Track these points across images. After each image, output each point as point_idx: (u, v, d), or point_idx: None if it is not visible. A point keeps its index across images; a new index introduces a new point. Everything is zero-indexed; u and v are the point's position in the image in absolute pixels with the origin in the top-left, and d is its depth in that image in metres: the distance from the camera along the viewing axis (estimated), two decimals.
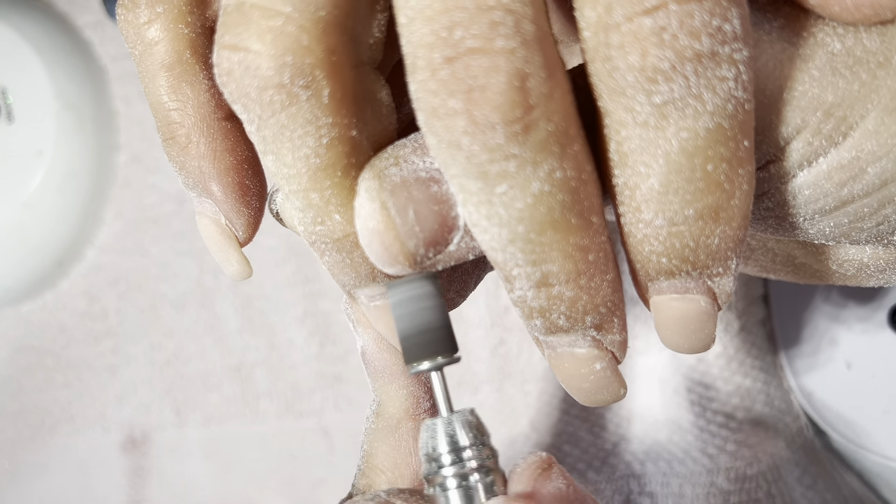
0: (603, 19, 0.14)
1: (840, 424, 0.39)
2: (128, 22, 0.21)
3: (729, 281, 0.17)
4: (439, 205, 0.16)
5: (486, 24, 0.14)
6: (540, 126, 0.15)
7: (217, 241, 0.22)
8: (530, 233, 0.16)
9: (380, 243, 0.17)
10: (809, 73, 0.16)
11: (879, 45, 0.16)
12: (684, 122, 0.15)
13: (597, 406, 0.20)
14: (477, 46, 0.14)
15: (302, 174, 0.17)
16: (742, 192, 0.16)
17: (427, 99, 0.15)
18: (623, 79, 0.15)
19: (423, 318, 0.19)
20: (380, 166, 0.17)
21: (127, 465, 0.53)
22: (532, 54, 0.14)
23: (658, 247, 0.16)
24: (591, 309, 0.17)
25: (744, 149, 0.16)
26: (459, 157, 0.15)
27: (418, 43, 0.15)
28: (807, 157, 0.17)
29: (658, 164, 0.15)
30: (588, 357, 0.18)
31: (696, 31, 0.14)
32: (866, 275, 0.22)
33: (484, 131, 0.14)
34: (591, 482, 0.42)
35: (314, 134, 0.16)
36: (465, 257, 0.17)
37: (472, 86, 0.14)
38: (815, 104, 0.17)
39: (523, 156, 0.15)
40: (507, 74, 0.14)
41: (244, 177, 0.22)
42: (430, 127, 0.15)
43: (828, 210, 0.18)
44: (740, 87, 0.15)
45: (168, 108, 0.21)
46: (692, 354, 0.25)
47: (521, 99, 0.14)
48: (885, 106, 0.17)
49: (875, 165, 0.17)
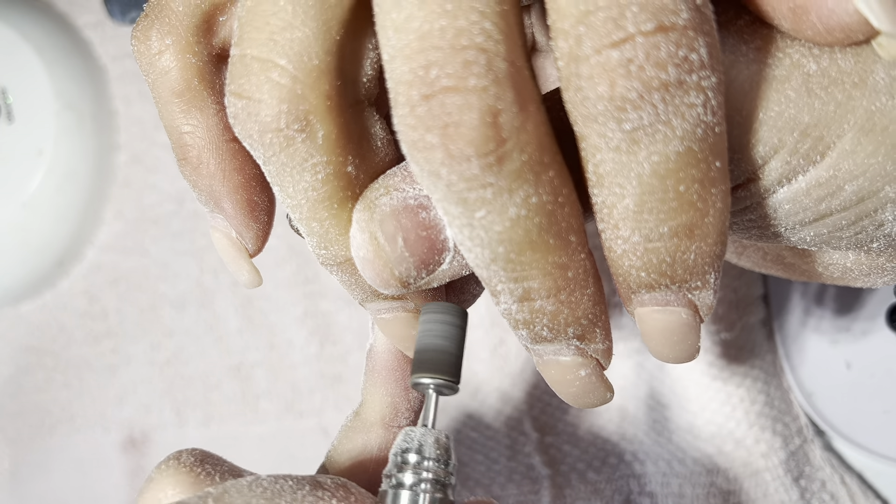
0: (574, 51, 0.15)
1: (840, 424, 0.39)
2: (141, 52, 0.23)
3: (708, 294, 0.18)
4: (428, 230, 0.18)
5: (459, 63, 0.15)
6: (513, 157, 0.15)
7: (229, 254, 0.24)
8: (510, 253, 0.16)
9: (371, 270, 0.18)
10: (785, 93, 0.17)
11: (854, 66, 0.17)
12: (654, 147, 0.15)
13: (585, 408, 0.21)
14: (451, 85, 0.15)
15: (302, 205, 0.19)
16: (716, 210, 0.16)
17: (407, 132, 0.15)
18: (594, 107, 0.15)
19: (442, 339, 0.20)
20: (370, 197, 0.18)
21: (127, 465, 0.53)
22: (503, 91, 0.15)
23: (636, 262, 0.17)
24: (573, 321, 0.18)
25: (716, 169, 0.16)
26: (440, 185, 0.16)
27: (398, 80, 0.15)
28: (785, 175, 0.18)
29: (632, 185, 0.16)
30: (572, 364, 0.19)
31: (663, 62, 0.15)
32: (852, 277, 0.23)
33: (460, 163, 0.15)
34: (591, 482, 0.42)
35: (311, 171, 0.18)
36: (459, 273, 0.19)
37: (447, 122, 0.15)
38: (792, 124, 0.17)
39: (499, 184, 0.15)
40: (480, 111, 0.15)
41: (252, 193, 0.23)
42: (412, 157, 0.16)
43: (807, 222, 0.19)
44: (709, 112, 0.15)
45: (180, 131, 0.23)
46: (678, 364, 0.26)
47: (494, 133, 0.15)
48: (861, 126, 0.17)
49: (852, 184, 0.17)
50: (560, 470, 0.43)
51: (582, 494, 0.42)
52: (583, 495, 0.42)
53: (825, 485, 0.39)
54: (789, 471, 0.38)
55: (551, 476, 0.43)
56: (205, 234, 0.52)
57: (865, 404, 0.39)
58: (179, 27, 0.22)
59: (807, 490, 0.38)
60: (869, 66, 0.17)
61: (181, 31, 0.22)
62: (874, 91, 0.17)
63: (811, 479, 0.39)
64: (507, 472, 0.44)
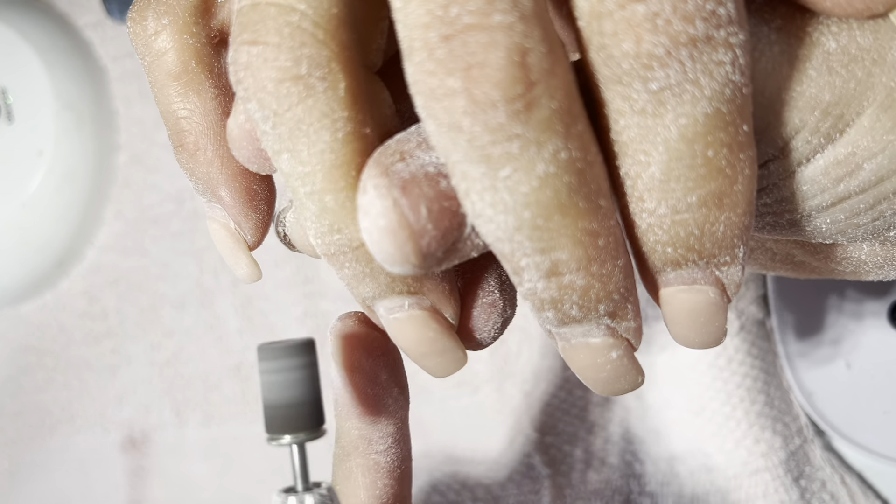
0: (596, 8, 0.14)
1: (840, 424, 0.39)
2: (136, 34, 0.22)
3: (737, 270, 0.17)
4: (449, 201, 0.16)
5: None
6: (542, 103, 0.14)
7: (227, 245, 0.23)
8: (537, 218, 0.15)
9: (392, 242, 0.16)
10: (807, 73, 0.17)
11: (873, 43, 0.17)
12: (682, 108, 0.15)
13: (615, 395, 0.20)
14: (474, 23, 0.14)
15: (317, 171, 0.17)
16: (745, 178, 0.16)
17: (425, 81, 0.14)
18: (618, 66, 0.15)
19: (289, 390, 0.18)
20: (385, 162, 0.16)
21: (127, 465, 0.53)
22: (531, 29, 0.14)
23: (663, 236, 0.16)
24: (605, 296, 0.16)
25: (743, 133, 0.15)
26: (461, 140, 0.14)
27: (414, 24, 0.14)
28: (805, 155, 0.17)
29: (658, 151, 0.15)
30: (603, 346, 0.17)
31: (690, 16, 0.14)
32: (864, 271, 0.22)
33: (485, 110, 0.14)
34: (590, 482, 0.42)
35: (330, 128, 0.16)
36: (468, 255, 0.17)
37: (470, 63, 0.14)
38: (813, 104, 0.17)
39: (526, 135, 0.14)
40: (507, 49, 0.14)
41: (252, 182, 0.22)
42: (429, 110, 0.15)
43: (824, 206, 0.18)
44: (737, 71, 0.15)
45: (177, 115, 0.22)
46: (704, 349, 0.25)
47: (522, 74, 0.14)
48: (880, 103, 0.17)
49: (871, 162, 0.17)
50: (560, 470, 0.43)
51: (582, 494, 0.42)
52: (583, 495, 0.42)
53: (825, 485, 0.39)
54: (789, 471, 0.38)
55: (551, 476, 0.43)
56: (205, 233, 0.52)
57: (865, 404, 0.39)
58: (177, 7, 0.21)
59: (807, 490, 0.38)
60: (887, 43, 0.17)
61: (178, 12, 0.21)
62: (893, 67, 0.17)
63: (811, 479, 0.39)
64: (507, 472, 0.44)
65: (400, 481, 0.23)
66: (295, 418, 0.18)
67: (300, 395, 0.19)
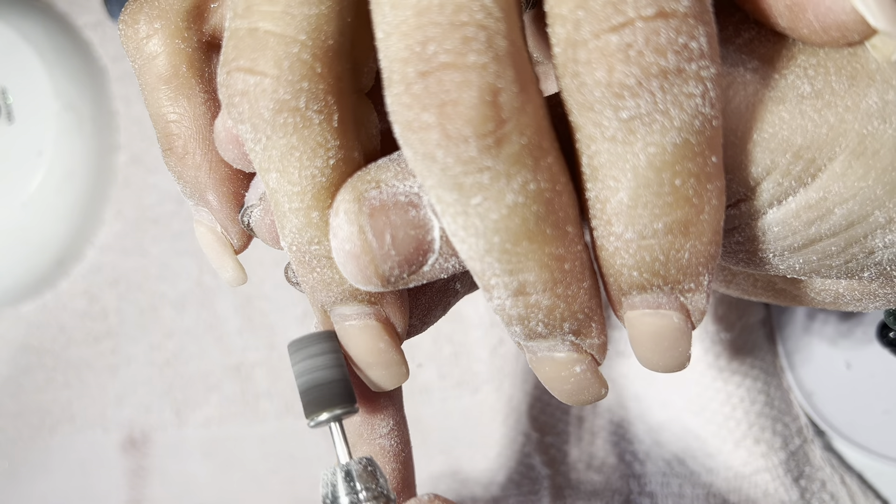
0: (571, 36, 0.15)
1: (840, 424, 0.39)
2: (128, 37, 0.22)
3: (701, 298, 0.17)
4: (416, 229, 0.17)
5: (458, 39, 0.14)
6: (512, 139, 0.15)
7: (213, 249, 0.23)
8: (506, 243, 0.16)
9: (355, 265, 0.17)
10: (780, 115, 0.17)
11: (848, 89, 0.17)
12: (651, 138, 0.15)
13: (578, 405, 0.21)
14: (449, 61, 0.14)
15: (306, 192, 0.18)
16: (711, 207, 0.16)
17: (402, 112, 0.15)
18: (591, 94, 0.15)
19: (322, 371, 0.20)
20: (360, 188, 0.17)
21: (127, 465, 0.53)
22: (504, 69, 0.15)
23: (629, 260, 0.17)
24: (569, 316, 0.17)
25: (712, 164, 0.16)
26: (434, 168, 0.15)
27: (394, 57, 0.15)
28: (776, 197, 0.18)
29: (626, 178, 0.16)
30: (567, 361, 0.18)
31: (662, 48, 0.14)
32: (843, 303, 0.23)
33: (457, 144, 0.15)
34: (590, 482, 0.42)
35: (323, 156, 0.17)
36: (437, 277, 0.18)
37: (444, 100, 0.14)
38: (785, 146, 0.17)
39: (497, 168, 0.15)
40: (479, 89, 0.14)
41: (239, 186, 0.22)
42: (406, 139, 0.15)
43: (796, 247, 0.18)
44: (707, 104, 0.15)
45: (166, 119, 0.22)
46: (667, 373, 0.26)
47: (493, 113, 0.15)
48: (852, 149, 0.17)
49: (842, 207, 0.17)
50: (560, 470, 0.43)
51: (582, 494, 0.42)
52: (583, 495, 0.42)
53: (825, 485, 0.39)
54: (789, 471, 0.38)
55: (551, 476, 0.43)
56: None
57: (865, 404, 0.39)
58: (169, 11, 0.22)
59: (807, 490, 0.38)
60: (863, 90, 0.17)
61: (171, 16, 0.22)
62: (867, 115, 0.17)
63: (811, 479, 0.39)
64: (507, 472, 0.44)
65: (405, 465, 0.23)
66: (330, 396, 0.20)
67: (331, 375, 0.20)
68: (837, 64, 0.17)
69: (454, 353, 0.46)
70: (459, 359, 0.46)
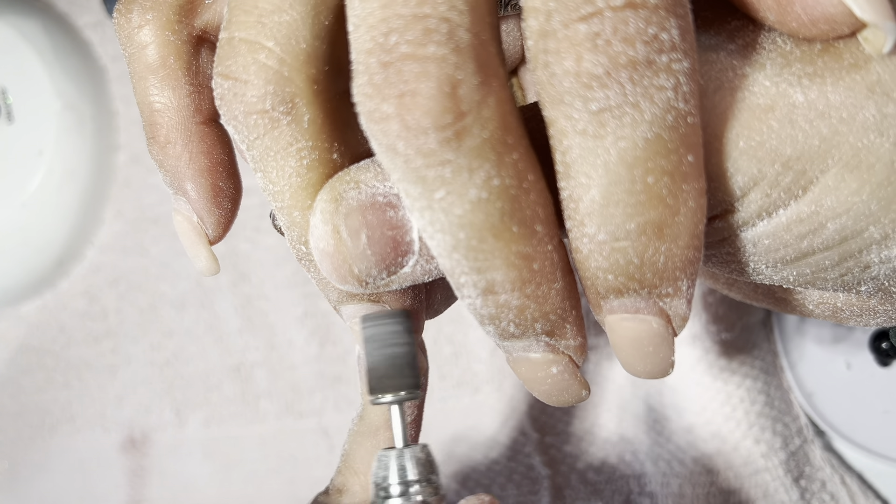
0: (542, 27, 0.15)
1: (840, 424, 0.39)
2: (121, 26, 0.22)
3: (682, 303, 0.17)
4: (394, 230, 0.17)
5: (420, 30, 0.14)
6: (473, 132, 0.15)
7: (189, 238, 0.24)
8: (471, 240, 0.16)
9: (329, 264, 0.18)
10: (768, 123, 0.16)
11: (844, 100, 0.16)
12: (622, 131, 0.15)
13: (559, 406, 0.20)
14: (409, 52, 0.14)
15: (285, 192, 0.18)
16: (688, 209, 0.16)
17: (364, 102, 0.15)
18: (560, 84, 0.15)
19: (390, 348, 0.19)
20: (339, 189, 0.17)
21: (127, 465, 0.53)
22: (464, 61, 0.15)
23: (603, 263, 0.16)
24: (540, 316, 0.17)
25: (688, 163, 0.15)
26: (398, 161, 0.15)
27: (360, 49, 0.15)
28: (765, 209, 0.17)
29: (598, 174, 0.15)
30: (543, 361, 0.18)
31: (631, 38, 0.14)
32: (843, 317, 0.22)
33: (416, 136, 0.15)
34: (591, 482, 0.42)
35: (295, 156, 0.18)
36: (421, 279, 0.18)
37: (403, 90, 0.15)
38: (773, 156, 0.16)
39: (458, 162, 0.15)
40: (438, 80, 0.14)
41: (218, 179, 0.23)
42: (369, 131, 0.15)
43: (789, 260, 0.18)
44: (681, 99, 0.15)
45: (152, 108, 0.22)
46: (650, 379, 0.26)
47: (452, 105, 0.15)
48: (846, 163, 0.16)
49: (835, 222, 0.17)
50: (560, 470, 0.43)
51: (582, 494, 0.42)
52: (583, 495, 0.42)
53: (825, 485, 0.39)
54: (789, 471, 0.38)
55: (551, 476, 0.43)
56: None
57: (865, 404, 0.39)
58: (162, 4, 0.22)
59: (807, 490, 0.38)
60: (860, 102, 0.16)
61: (163, 8, 0.22)
62: (863, 127, 0.16)
63: (811, 479, 0.39)
64: (507, 472, 0.44)
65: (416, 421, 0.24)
66: (398, 377, 0.19)
67: (400, 356, 0.19)
68: (835, 75, 0.16)
69: (454, 353, 0.46)
70: (459, 359, 0.46)
